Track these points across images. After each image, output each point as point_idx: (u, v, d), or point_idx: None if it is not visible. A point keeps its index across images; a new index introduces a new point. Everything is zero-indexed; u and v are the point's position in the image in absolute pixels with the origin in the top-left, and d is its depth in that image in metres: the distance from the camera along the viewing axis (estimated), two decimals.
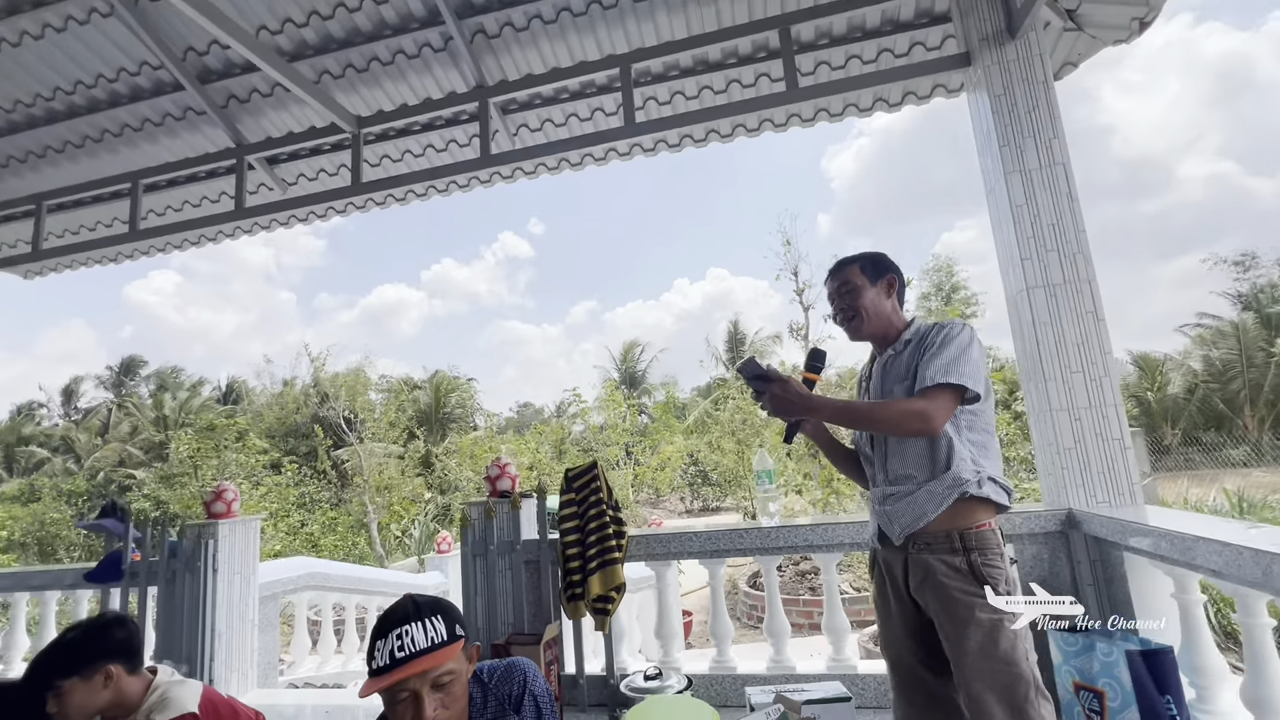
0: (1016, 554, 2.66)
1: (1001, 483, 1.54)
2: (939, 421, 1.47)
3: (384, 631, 1.23)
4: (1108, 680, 2.13)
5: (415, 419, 23.74)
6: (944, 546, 1.49)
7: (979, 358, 1.55)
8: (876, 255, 1.77)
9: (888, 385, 1.67)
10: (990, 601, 1.41)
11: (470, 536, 3.17)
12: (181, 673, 3.24)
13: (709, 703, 2.82)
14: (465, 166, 3.77)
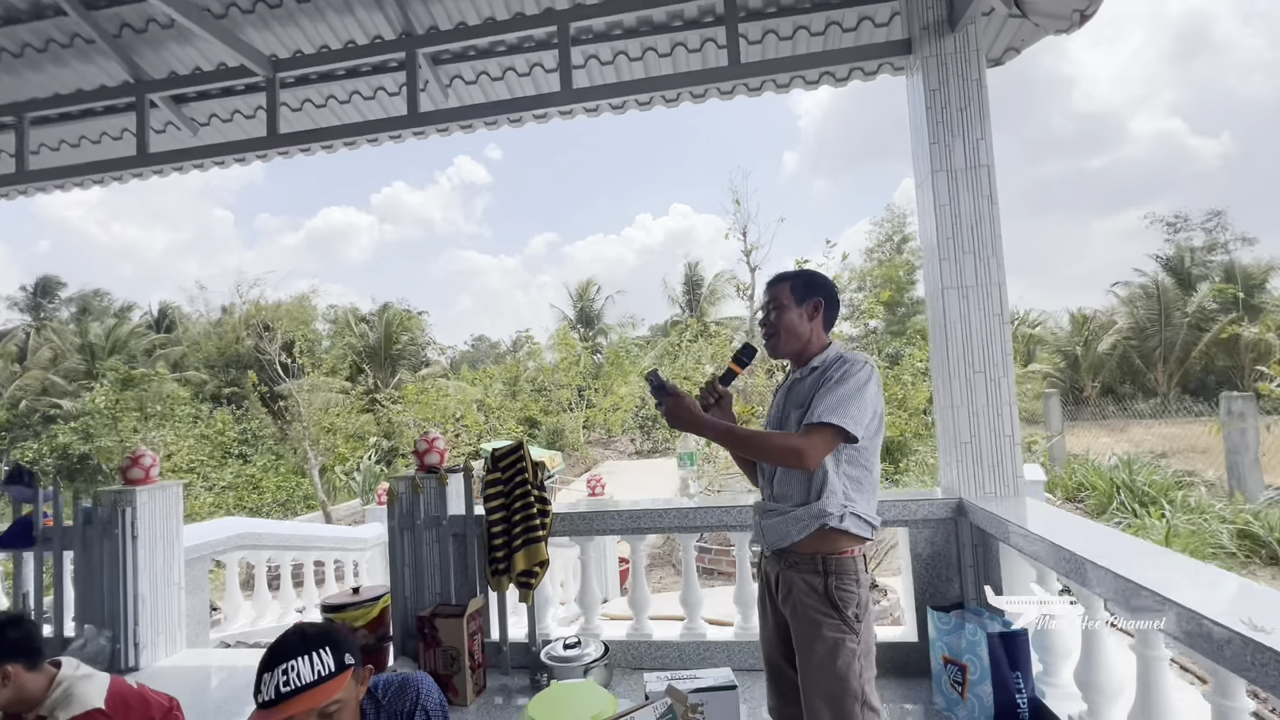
0: (913, 535, 2.88)
1: (866, 518, 1.65)
2: (814, 460, 1.56)
3: (270, 665, 1.26)
4: (971, 656, 2.39)
5: (363, 354, 23.17)
6: (808, 567, 1.62)
7: (872, 398, 1.63)
8: (811, 277, 1.81)
9: (787, 408, 1.75)
10: (837, 623, 1.58)
11: (397, 510, 3.20)
12: (103, 641, 3.26)
13: (626, 666, 3.04)
14: (391, 124, 3.55)
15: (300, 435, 11.29)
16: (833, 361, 1.70)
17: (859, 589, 1.61)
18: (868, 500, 1.67)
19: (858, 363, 1.66)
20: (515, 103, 3.50)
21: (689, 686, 1.97)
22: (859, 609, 1.60)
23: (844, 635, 1.57)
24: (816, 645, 1.57)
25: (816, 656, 1.57)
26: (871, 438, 1.65)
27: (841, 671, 1.55)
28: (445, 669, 2.86)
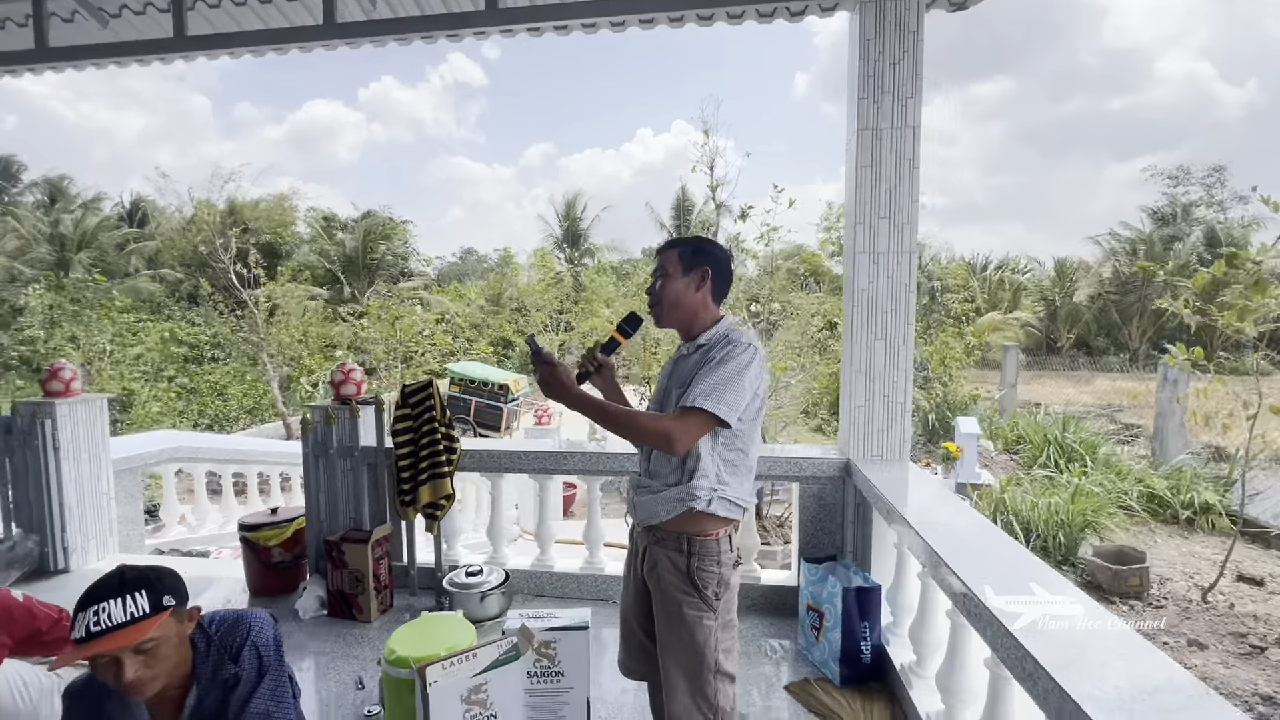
0: (802, 490, 3.02)
1: (736, 501, 1.65)
2: (683, 445, 1.54)
3: (84, 605, 1.33)
4: (829, 605, 2.57)
5: (339, 263, 22.73)
6: (672, 545, 1.65)
7: (752, 381, 1.59)
8: (700, 243, 1.73)
9: (670, 385, 1.72)
10: (697, 602, 1.62)
11: (311, 439, 3.27)
12: (30, 544, 3.38)
13: (522, 592, 3.23)
14: (306, 34, 3.31)
15: (258, 345, 11.26)
16: (718, 341, 1.65)
17: (719, 569, 1.63)
18: (741, 482, 1.67)
19: (739, 345, 1.61)
20: (510, 13, 3.16)
21: (543, 625, 2.10)
22: (719, 587, 1.63)
23: (702, 613, 1.61)
24: (675, 622, 1.63)
25: (675, 631, 1.63)
26: (750, 420, 1.64)
27: (699, 646, 1.61)
28: (350, 589, 3.03)
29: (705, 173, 7.03)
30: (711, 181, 7.07)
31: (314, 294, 20.48)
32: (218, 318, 12.03)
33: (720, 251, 1.74)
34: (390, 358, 11.84)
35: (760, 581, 3.10)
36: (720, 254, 1.74)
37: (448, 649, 2.02)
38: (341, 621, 3.02)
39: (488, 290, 23.76)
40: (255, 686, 1.54)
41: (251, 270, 11.09)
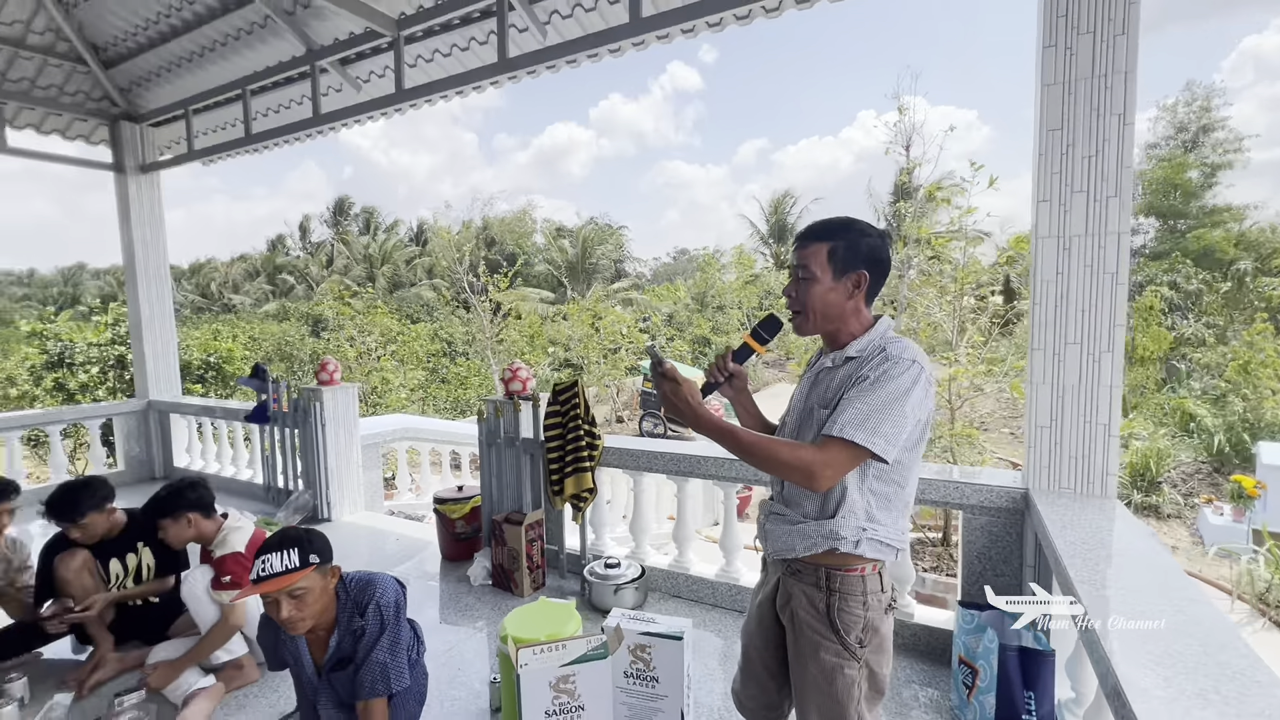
0: (967, 521, 2.58)
1: (889, 542, 1.42)
2: (826, 481, 1.33)
3: (259, 554, 1.73)
4: (983, 662, 2.17)
5: (563, 268, 25.36)
6: (810, 580, 1.45)
7: (915, 407, 1.33)
8: (856, 240, 1.42)
9: (810, 401, 1.48)
10: (836, 647, 1.41)
11: (485, 428, 3.73)
12: (308, 497, 4.39)
13: (659, 591, 3.29)
14: (611, 35, 3.48)
15: (484, 343, 13.16)
16: (873, 354, 1.39)
17: (865, 611, 1.41)
18: (895, 520, 1.42)
19: (902, 362, 1.34)
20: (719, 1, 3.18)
21: (639, 629, 2.13)
22: (864, 633, 1.41)
23: (843, 661, 1.41)
24: (811, 665, 1.44)
25: (811, 676, 1.44)
26: (911, 449, 1.39)
27: (840, 697, 1.41)
28: (509, 564, 3.39)
29: (900, 154, 6.30)
30: (907, 164, 6.31)
31: (542, 297, 23.25)
32: (458, 321, 14.37)
33: (877, 243, 1.43)
34: (595, 355, 12.92)
35: (913, 619, 2.72)
36: (878, 247, 1.43)
37: (547, 635, 2.15)
38: (501, 592, 3.41)
39: (693, 289, 24.46)
40: (377, 639, 1.83)
41: (481, 279, 13.08)
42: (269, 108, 5.25)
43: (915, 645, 2.69)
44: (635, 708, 2.15)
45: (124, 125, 5.72)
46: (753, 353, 1.58)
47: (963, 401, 5.60)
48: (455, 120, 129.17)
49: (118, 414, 5.84)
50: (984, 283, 7.89)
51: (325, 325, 18.18)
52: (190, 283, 36.52)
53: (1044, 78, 2.26)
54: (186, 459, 5.90)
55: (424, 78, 4.40)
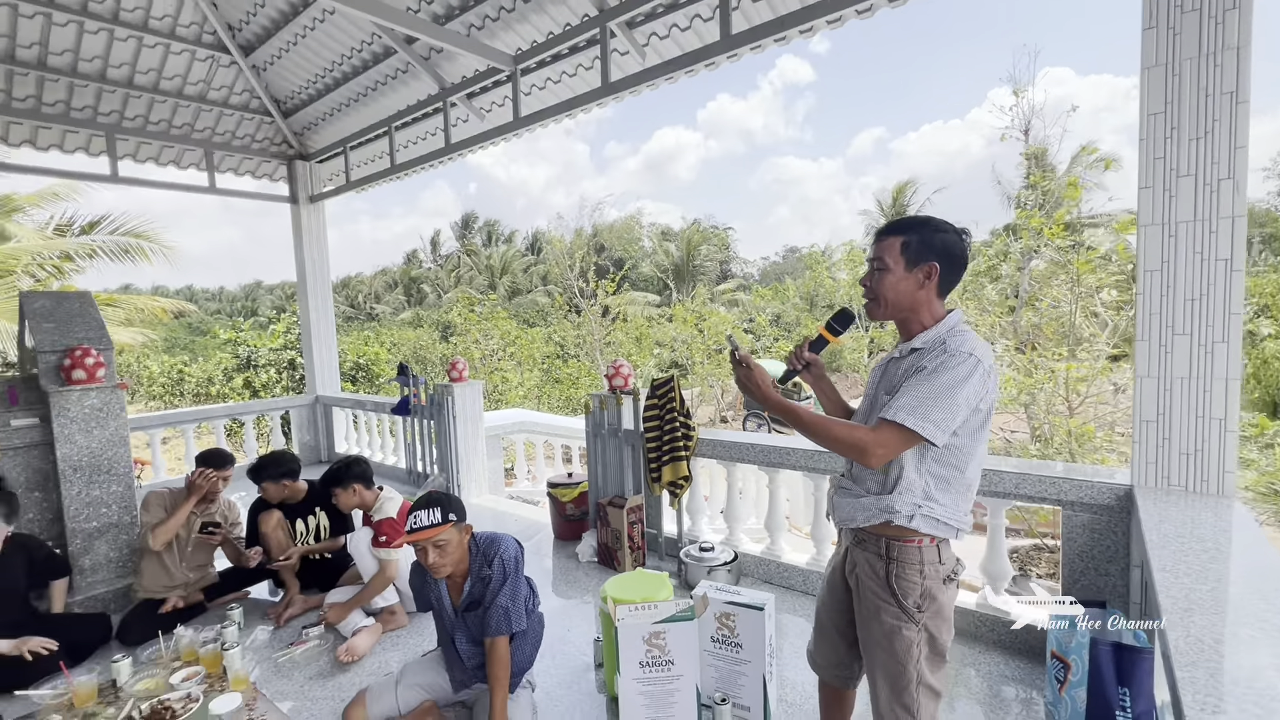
0: (1067, 518, 2.53)
1: (946, 520, 1.50)
2: (878, 459, 1.44)
3: (413, 510, 2.15)
4: (1075, 657, 2.15)
5: (668, 271, 25.80)
6: (872, 549, 1.57)
7: (970, 397, 1.42)
8: (929, 234, 1.52)
9: (878, 389, 1.61)
10: (895, 610, 1.53)
11: (591, 420, 4.10)
12: (442, 479, 5.01)
13: (751, 576, 3.46)
14: (704, 53, 3.71)
15: (593, 346, 13.80)
16: (934, 346, 1.49)
17: (923, 580, 1.51)
18: (955, 501, 1.51)
19: (959, 355, 1.43)
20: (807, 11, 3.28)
21: (724, 598, 2.34)
22: (921, 599, 1.51)
23: (901, 623, 1.52)
24: (874, 626, 1.57)
25: (874, 635, 1.58)
26: (971, 435, 1.48)
27: (900, 655, 1.52)
28: (612, 544, 3.72)
29: (1018, 139, 5.92)
30: (1026, 149, 5.91)
31: (648, 300, 23.82)
32: (570, 325, 15.20)
33: (951, 239, 1.52)
34: (699, 355, 13.15)
35: (1009, 616, 2.69)
36: (952, 243, 1.52)
37: (643, 598, 2.42)
38: (606, 568, 3.74)
39: (803, 288, 23.91)
40: (500, 587, 2.19)
41: (590, 284, 13.75)
42: (409, 140, 6.03)
43: (1013, 642, 2.66)
44: (721, 670, 2.36)
45: (298, 164, 6.81)
46: (827, 343, 1.73)
47: (1082, 400, 5.15)
48: (569, 133, 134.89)
49: (293, 407, 6.94)
50: (1129, 271, 7.16)
51: (453, 330, 19.93)
52: (340, 295, 41.31)
53: (1145, 60, 2.19)
54: (345, 445, 6.88)
55: (538, 104, 4.87)
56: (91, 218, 9.90)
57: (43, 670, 2.64)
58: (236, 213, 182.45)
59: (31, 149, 5.53)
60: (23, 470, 3.36)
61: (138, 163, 6.02)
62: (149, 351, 16.39)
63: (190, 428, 6.31)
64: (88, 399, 3.37)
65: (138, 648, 2.85)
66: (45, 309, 3.57)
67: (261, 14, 5.32)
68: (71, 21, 4.90)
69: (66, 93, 5.34)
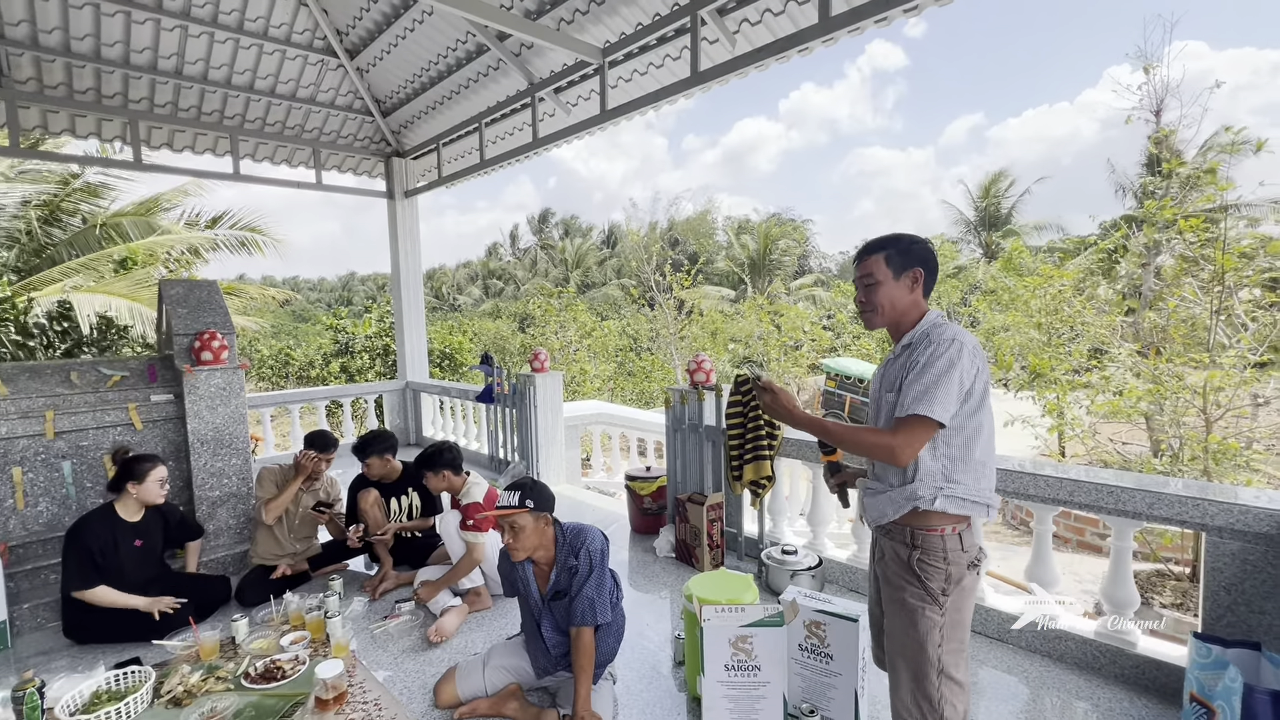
0: (1211, 546, 2.25)
1: (970, 498, 1.60)
2: (907, 456, 1.55)
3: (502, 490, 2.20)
4: (1223, 703, 1.92)
5: (744, 265, 25.35)
6: (899, 537, 1.67)
7: (963, 376, 1.56)
8: (908, 244, 1.71)
9: (882, 389, 1.74)
10: (919, 591, 1.61)
11: (671, 415, 4.06)
12: (523, 467, 5.14)
13: (836, 583, 3.33)
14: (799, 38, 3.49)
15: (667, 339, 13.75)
16: (920, 340, 1.64)
17: (947, 565, 1.60)
18: (974, 478, 1.61)
19: (943, 342, 1.58)
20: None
21: (815, 606, 2.24)
22: (946, 583, 1.60)
23: (924, 604, 1.61)
24: (897, 609, 1.66)
25: (897, 620, 1.66)
26: (970, 415, 1.59)
27: (920, 638, 1.60)
28: (691, 540, 3.68)
29: (1148, 120, 5.32)
30: (1157, 131, 5.30)
31: (722, 294, 23.53)
32: (644, 318, 15.26)
33: (924, 247, 1.73)
34: (775, 351, 12.85)
35: (1135, 649, 2.43)
36: (926, 249, 1.73)
37: (728, 599, 2.37)
38: (683, 565, 3.70)
39: None
40: (587, 578, 2.21)
41: (665, 277, 13.71)
42: (498, 136, 6.19)
43: (1138, 679, 2.41)
44: (809, 680, 2.27)
45: (394, 161, 7.16)
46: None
47: (1222, 412, 4.56)
48: (649, 126, 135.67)
49: (386, 391, 7.34)
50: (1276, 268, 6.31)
51: (531, 321, 20.53)
52: (426, 287, 43.36)
53: None
54: (432, 430, 7.21)
55: (625, 97, 4.86)
56: (214, 213, 10.88)
57: (175, 623, 2.91)
58: (337, 207, 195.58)
59: (169, 150, 6.12)
60: (159, 441, 3.72)
61: (255, 161, 6.53)
62: (259, 336, 17.90)
63: (296, 408, 6.80)
64: (214, 378, 3.68)
65: (253, 609, 3.08)
66: (180, 295, 3.92)
67: (366, 18, 5.61)
68: (204, 33, 5.35)
69: (198, 98, 5.85)
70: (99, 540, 2.90)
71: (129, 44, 5.24)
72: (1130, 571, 2.55)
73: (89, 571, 2.84)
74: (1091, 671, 2.50)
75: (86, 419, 3.51)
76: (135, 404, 3.63)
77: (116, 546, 2.95)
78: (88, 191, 9.87)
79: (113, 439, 3.59)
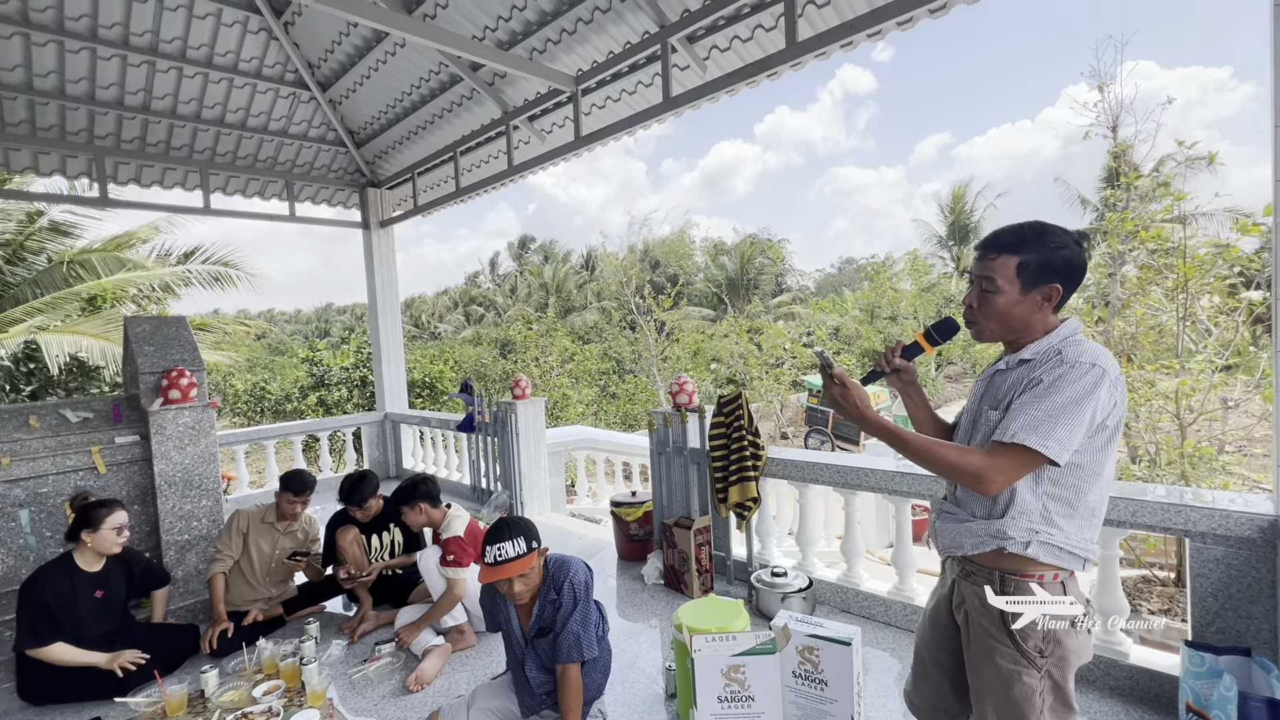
0: (1195, 552, 2.26)
1: (1070, 549, 1.35)
2: (996, 486, 1.31)
3: (490, 541, 2.10)
4: (1219, 712, 1.90)
5: (723, 285, 25.57)
6: (984, 582, 1.42)
7: (1095, 413, 1.29)
8: (1051, 248, 1.35)
9: (982, 404, 1.48)
10: (1013, 654, 1.37)
11: (655, 438, 4.02)
12: (505, 497, 5.04)
13: (828, 604, 3.28)
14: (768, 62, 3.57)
15: (649, 360, 13.79)
16: (1049, 356, 1.34)
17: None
18: (1079, 527, 1.36)
19: (1080, 365, 1.29)
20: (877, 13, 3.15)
21: (807, 630, 2.19)
22: (1044, 642, 1.35)
23: (1021, 668, 1.36)
24: (987, 669, 1.41)
25: (988, 680, 1.41)
26: (1096, 453, 1.33)
27: (1017, 703, 1.36)
28: (679, 566, 3.61)
29: (1105, 136, 5.52)
30: (1114, 145, 5.50)
31: (702, 314, 23.67)
32: (625, 341, 15.29)
33: (1074, 253, 1.35)
34: (757, 370, 12.92)
35: (1127, 659, 2.42)
36: (1075, 258, 1.36)
37: (718, 627, 2.31)
38: (672, 592, 3.63)
39: (862, 300, 23.26)
40: (571, 612, 2.13)
41: (645, 300, 13.78)
42: (473, 164, 6.20)
43: (1133, 689, 2.39)
44: (804, 708, 2.21)
45: (369, 191, 7.12)
46: (921, 350, 1.59)
47: (1195, 417, 4.65)
48: (628, 152, 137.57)
49: (364, 423, 7.19)
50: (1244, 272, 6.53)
51: (512, 348, 20.40)
52: (405, 316, 43.07)
53: (1278, 37, 1.97)
54: (412, 461, 7.06)
55: (598, 123, 4.91)
56: (187, 248, 10.71)
57: (140, 678, 2.75)
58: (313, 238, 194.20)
59: (137, 186, 6.01)
60: (124, 485, 3.58)
61: (226, 195, 6.45)
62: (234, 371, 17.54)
63: (271, 443, 6.62)
64: (182, 417, 3.56)
65: (224, 658, 2.94)
66: (146, 332, 3.81)
67: (339, 50, 5.61)
68: (172, 68, 5.31)
69: (167, 133, 5.77)
70: (56, 593, 2.75)
71: (94, 80, 5.17)
72: (1118, 579, 2.54)
73: (43, 627, 2.68)
74: (1086, 684, 2.48)
75: (46, 464, 3.36)
76: (99, 446, 3.50)
77: (75, 599, 2.80)
78: (54, 230, 9.66)
79: (74, 484, 3.44)
